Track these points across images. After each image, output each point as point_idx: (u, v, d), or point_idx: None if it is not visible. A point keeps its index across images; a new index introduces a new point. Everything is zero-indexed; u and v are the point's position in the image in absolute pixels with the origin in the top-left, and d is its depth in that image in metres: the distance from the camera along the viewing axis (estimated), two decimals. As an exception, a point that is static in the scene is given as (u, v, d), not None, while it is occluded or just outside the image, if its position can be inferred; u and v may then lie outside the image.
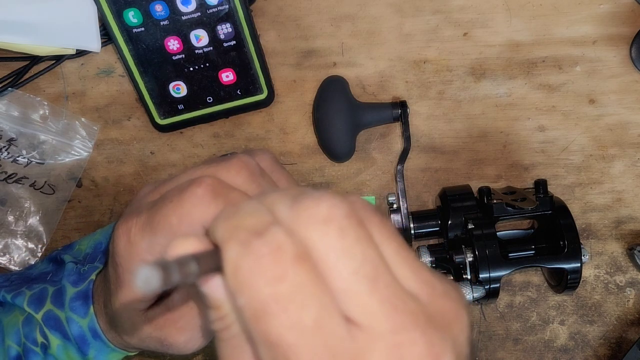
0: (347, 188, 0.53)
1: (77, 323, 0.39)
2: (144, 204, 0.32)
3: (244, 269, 0.21)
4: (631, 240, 0.52)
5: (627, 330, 0.52)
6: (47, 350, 0.40)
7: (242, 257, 0.22)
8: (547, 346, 0.53)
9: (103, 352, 0.40)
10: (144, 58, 0.50)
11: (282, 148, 0.53)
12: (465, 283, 0.46)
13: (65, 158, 0.54)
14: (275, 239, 0.22)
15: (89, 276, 0.40)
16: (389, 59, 0.52)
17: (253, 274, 0.21)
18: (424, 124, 0.53)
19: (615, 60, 0.51)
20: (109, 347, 0.39)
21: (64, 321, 0.40)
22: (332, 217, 0.22)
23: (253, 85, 0.51)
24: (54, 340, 0.40)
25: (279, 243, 0.22)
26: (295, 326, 0.21)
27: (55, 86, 0.54)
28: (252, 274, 0.21)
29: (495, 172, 0.53)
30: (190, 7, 0.48)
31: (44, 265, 0.45)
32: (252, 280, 0.21)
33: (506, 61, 0.52)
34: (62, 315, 0.40)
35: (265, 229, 0.22)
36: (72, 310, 0.39)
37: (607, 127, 0.52)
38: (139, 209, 0.32)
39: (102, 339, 0.39)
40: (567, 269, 0.46)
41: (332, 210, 0.22)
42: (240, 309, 0.22)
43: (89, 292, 0.39)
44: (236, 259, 0.22)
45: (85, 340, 0.39)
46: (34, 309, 0.40)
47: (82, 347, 0.39)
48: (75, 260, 0.42)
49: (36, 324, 0.40)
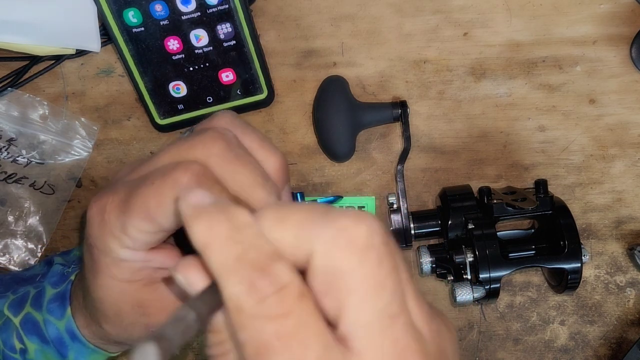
0: (347, 188, 0.53)
1: (54, 325, 0.38)
2: (121, 183, 0.31)
3: (247, 309, 0.21)
4: (631, 240, 0.52)
5: (628, 331, 0.52)
6: (26, 356, 0.39)
7: (246, 297, 0.21)
8: (548, 346, 0.53)
9: (82, 353, 0.39)
10: (143, 58, 0.50)
11: (282, 148, 0.53)
12: (465, 283, 0.46)
13: (65, 158, 0.54)
14: (280, 279, 0.21)
15: (70, 277, 0.39)
16: (389, 59, 0.52)
17: (257, 313, 0.21)
18: (424, 123, 0.53)
19: (616, 60, 0.51)
20: (89, 348, 0.38)
21: (41, 324, 0.39)
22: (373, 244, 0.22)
23: (253, 85, 0.51)
24: (31, 345, 0.39)
25: (283, 281, 0.21)
26: None
27: (55, 86, 0.54)
28: (255, 313, 0.21)
29: (496, 172, 0.53)
30: (190, 7, 0.48)
31: (38, 267, 0.44)
32: (256, 319, 0.21)
33: (506, 61, 0.52)
34: (40, 318, 0.39)
35: (268, 264, 0.22)
36: (49, 312, 0.38)
37: (608, 127, 0.52)
38: (116, 188, 0.31)
39: (80, 341, 0.38)
40: (567, 269, 0.46)
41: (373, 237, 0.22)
42: (241, 344, 0.22)
43: (67, 293, 0.38)
44: (239, 298, 0.21)
45: (63, 342, 0.38)
46: (13, 313, 0.39)
47: (60, 349, 0.38)
48: (64, 262, 0.42)
49: (14, 330, 0.39)
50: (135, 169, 0.32)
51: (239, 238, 0.22)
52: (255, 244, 0.22)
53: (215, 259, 0.22)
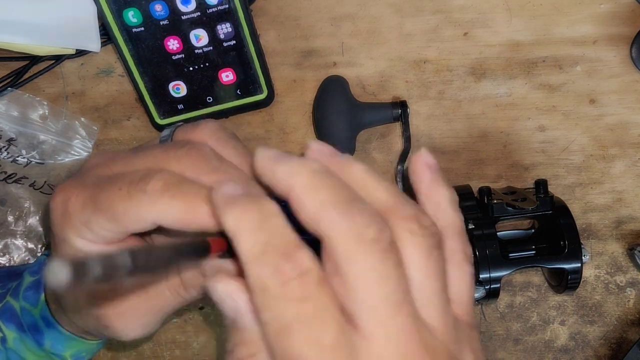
0: (347, 188, 0.53)
1: (30, 312, 0.38)
2: (90, 177, 0.31)
3: (271, 289, 0.23)
4: (631, 240, 0.52)
5: (628, 331, 0.52)
6: (5, 345, 0.40)
7: (271, 278, 0.23)
8: (548, 346, 0.53)
9: (59, 340, 0.39)
10: (143, 58, 0.50)
11: (282, 148, 0.53)
12: (465, 283, 0.46)
13: (65, 158, 0.54)
14: (302, 264, 0.23)
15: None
16: (389, 59, 0.52)
17: (280, 295, 0.23)
18: (424, 123, 0.53)
19: (616, 60, 0.51)
20: (64, 335, 0.38)
21: (18, 311, 0.39)
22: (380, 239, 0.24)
23: (253, 85, 0.51)
24: (9, 333, 0.39)
25: (306, 267, 0.23)
26: (315, 344, 0.23)
27: (54, 86, 0.54)
28: (279, 295, 0.23)
29: (496, 172, 0.53)
30: (190, 7, 0.48)
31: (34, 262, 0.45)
32: (278, 300, 0.23)
33: (506, 61, 0.52)
34: (17, 306, 0.39)
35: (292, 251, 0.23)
36: (25, 299, 0.39)
37: (608, 127, 0.52)
38: (84, 180, 0.30)
39: (55, 327, 0.38)
40: (567, 269, 0.46)
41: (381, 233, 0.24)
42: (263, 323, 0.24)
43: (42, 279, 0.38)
44: (265, 280, 0.23)
45: (39, 329, 0.38)
46: None
47: (36, 337, 0.39)
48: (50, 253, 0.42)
49: None
50: (108, 162, 0.31)
51: (266, 226, 0.24)
52: (281, 232, 0.24)
53: (244, 244, 0.24)
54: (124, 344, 0.55)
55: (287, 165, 0.25)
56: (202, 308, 0.55)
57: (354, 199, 0.25)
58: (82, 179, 0.31)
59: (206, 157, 0.30)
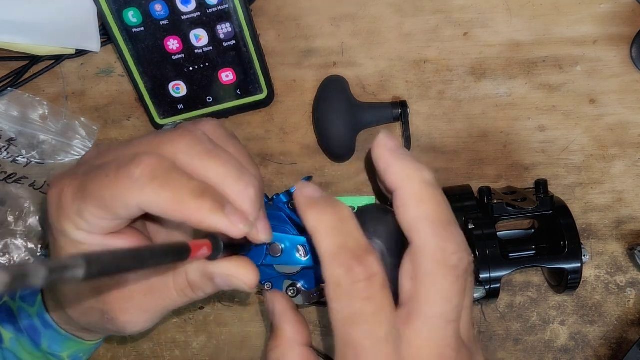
0: (347, 188, 0.53)
1: (27, 312, 0.38)
2: (82, 167, 0.31)
3: (343, 286, 0.27)
4: (632, 240, 0.52)
5: (628, 331, 0.52)
6: (2, 345, 0.40)
7: (344, 277, 0.27)
8: (548, 346, 0.53)
9: (56, 340, 0.39)
10: (143, 58, 0.50)
11: (282, 148, 0.53)
12: (465, 283, 0.46)
13: (64, 158, 0.54)
14: (371, 268, 0.28)
15: None
16: (389, 59, 0.52)
17: (350, 291, 0.27)
18: (424, 123, 0.53)
19: (616, 60, 0.51)
20: (62, 335, 0.38)
21: (15, 311, 0.39)
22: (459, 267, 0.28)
23: (253, 85, 0.51)
24: (6, 334, 0.39)
25: (373, 271, 0.28)
26: (371, 335, 0.27)
27: (54, 86, 0.54)
28: (349, 291, 0.27)
29: (496, 172, 0.53)
30: (190, 7, 0.48)
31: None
32: (348, 296, 0.27)
33: (506, 61, 0.52)
34: (14, 306, 0.39)
35: (364, 254, 0.28)
36: (22, 299, 0.39)
37: (608, 127, 0.52)
38: (76, 171, 0.31)
39: (52, 327, 0.38)
40: (567, 269, 0.46)
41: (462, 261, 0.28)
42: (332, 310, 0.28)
43: None
44: (339, 277, 0.27)
45: (36, 329, 0.39)
46: None
47: (33, 337, 0.39)
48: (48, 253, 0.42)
49: None
50: (102, 154, 0.31)
51: (342, 229, 0.28)
52: (354, 236, 0.28)
53: (323, 243, 0.28)
54: (122, 339, 0.55)
55: (402, 167, 0.29)
56: (202, 308, 0.55)
57: (449, 222, 0.29)
58: (75, 170, 0.31)
59: (200, 139, 0.30)
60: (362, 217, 0.31)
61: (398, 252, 0.32)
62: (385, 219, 0.33)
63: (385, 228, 0.32)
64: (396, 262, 0.32)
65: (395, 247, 0.33)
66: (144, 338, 0.55)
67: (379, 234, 0.32)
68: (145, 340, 0.55)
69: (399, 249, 0.33)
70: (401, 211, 0.29)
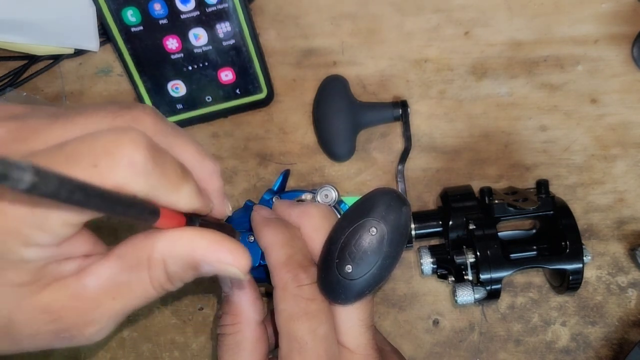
0: (347, 188, 0.53)
1: None
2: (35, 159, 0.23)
3: (290, 289, 0.33)
4: (633, 240, 0.52)
5: (629, 331, 0.52)
6: None
7: (291, 282, 0.33)
8: (549, 347, 0.52)
9: None
10: (142, 57, 0.49)
11: (282, 148, 0.53)
12: (466, 284, 0.46)
13: (63, 158, 0.53)
14: (313, 276, 0.34)
15: None
16: (390, 58, 0.52)
17: (295, 294, 0.33)
18: (425, 123, 0.52)
19: (617, 59, 0.51)
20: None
21: None
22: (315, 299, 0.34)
23: (252, 84, 0.51)
24: None
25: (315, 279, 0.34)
26: (312, 332, 0.32)
27: (53, 85, 0.53)
28: (295, 294, 0.33)
29: (497, 172, 0.52)
30: (189, 6, 0.48)
31: None
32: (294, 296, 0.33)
33: (508, 60, 0.52)
34: None
35: (309, 266, 0.34)
36: None
37: (609, 127, 0.51)
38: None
39: None
40: (568, 270, 0.46)
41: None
42: (279, 310, 0.33)
43: None
44: (287, 281, 0.33)
45: None
46: None
47: None
48: None
49: None
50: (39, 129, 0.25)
51: (292, 244, 0.34)
52: (302, 251, 0.34)
53: (275, 255, 0.34)
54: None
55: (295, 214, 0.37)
56: (201, 309, 0.54)
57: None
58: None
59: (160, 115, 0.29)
60: (379, 198, 0.33)
61: (397, 244, 0.33)
62: (400, 209, 0.33)
63: (395, 217, 0.33)
64: (392, 253, 0.33)
65: (397, 238, 0.33)
66: (143, 339, 0.55)
67: (387, 220, 0.33)
68: (144, 342, 0.55)
69: (401, 241, 0.33)
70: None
